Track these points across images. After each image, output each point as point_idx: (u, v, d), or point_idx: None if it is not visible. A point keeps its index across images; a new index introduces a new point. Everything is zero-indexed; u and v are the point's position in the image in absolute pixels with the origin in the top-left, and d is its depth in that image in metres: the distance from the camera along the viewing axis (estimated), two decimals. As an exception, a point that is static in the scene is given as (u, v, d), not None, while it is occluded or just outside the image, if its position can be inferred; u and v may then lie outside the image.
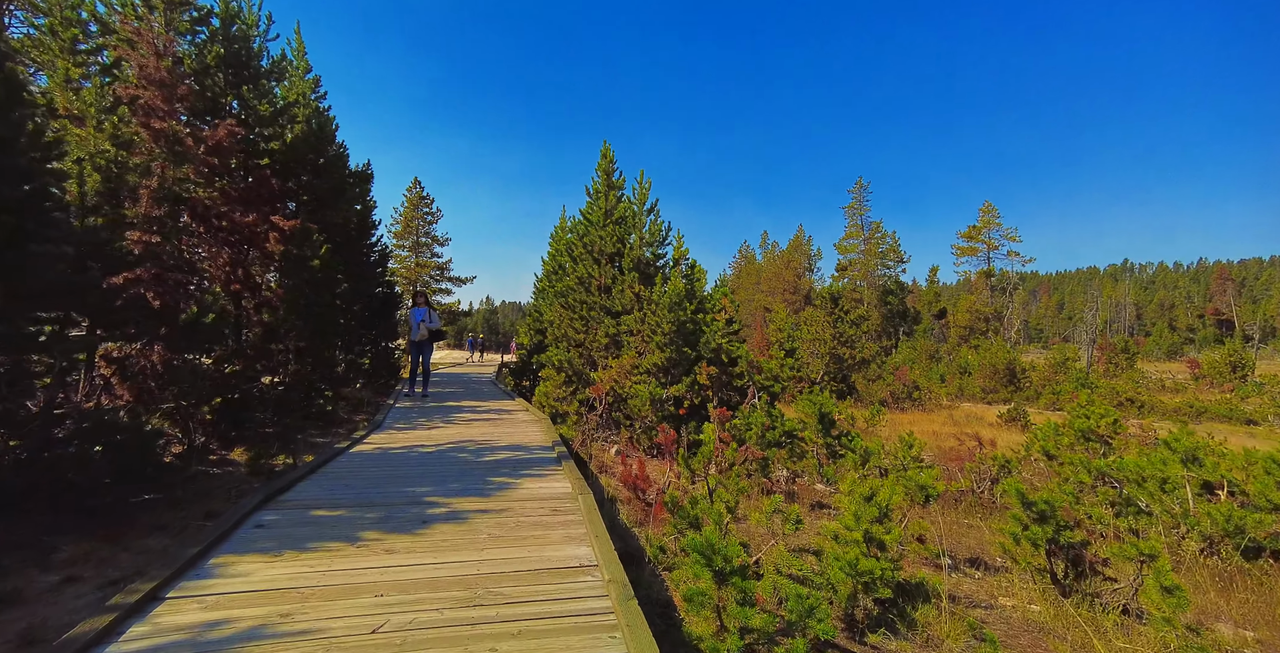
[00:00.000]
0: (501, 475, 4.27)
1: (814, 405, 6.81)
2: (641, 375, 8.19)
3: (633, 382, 8.09)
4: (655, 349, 8.38)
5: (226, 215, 6.77)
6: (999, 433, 14.86)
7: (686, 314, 8.64)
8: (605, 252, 9.88)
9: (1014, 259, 33.88)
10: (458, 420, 7.29)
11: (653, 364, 8.13)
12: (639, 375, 8.14)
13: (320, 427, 7.32)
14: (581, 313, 10.07)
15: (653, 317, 8.51)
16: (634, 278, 9.28)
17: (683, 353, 8.41)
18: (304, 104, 9.96)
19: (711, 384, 8.33)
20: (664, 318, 8.28)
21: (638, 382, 8.14)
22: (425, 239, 28.61)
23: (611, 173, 10.05)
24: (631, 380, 8.09)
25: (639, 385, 8.18)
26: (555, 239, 12.62)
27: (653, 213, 9.60)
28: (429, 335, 9.62)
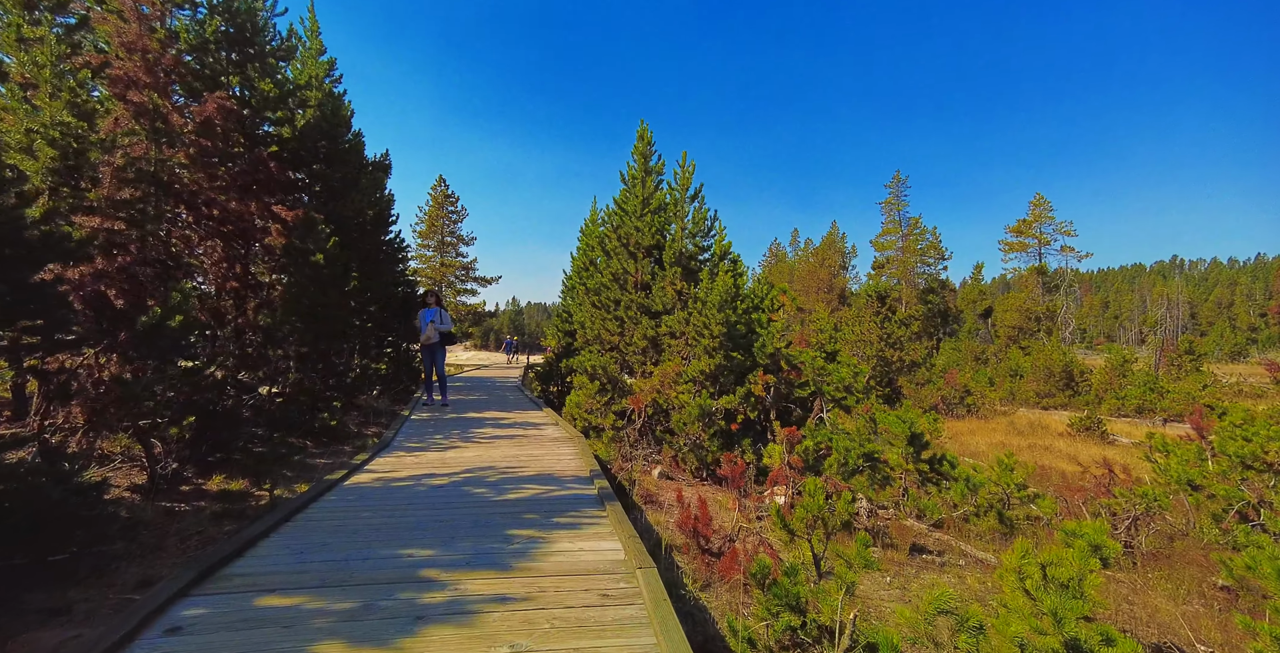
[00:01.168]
0: (528, 526, 3.25)
1: (903, 423, 5.63)
2: (686, 384, 7.11)
3: (677, 392, 7.02)
4: (702, 354, 7.30)
5: (218, 203, 5.94)
6: (1078, 447, 13.32)
7: (737, 314, 7.54)
8: (643, 244, 8.83)
9: (1068, 255, 31.70)
10: (478, 438, 6.32)
11: (699, 371, 7.04)
12: (684, 384, 7.06)
13: (324, 444, 6.44)
14: (616, 313, 9.04)
15: (699, 317, 7.43)
16: (676, 273, 8.21)
17: (733, 359, 7.30)
18: (316, 87, 9.15)
19: (768, 395, 7.20)
20: (712, 318, 7.20)
21: (683, 391, 7.06)
22: (450, 238, 28.04)
23: (649, 156, 9.01)
24: (676, 390, 7.02)
25: (684, 396, 7.10)
26: (585, 233, 11.66)
27: (696, 200, 8.52)
28: (440, 338, 8.71)
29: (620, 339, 9.07)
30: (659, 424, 8.15)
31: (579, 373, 8.46)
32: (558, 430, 6.95)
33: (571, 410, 7.85)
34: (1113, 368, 28.12)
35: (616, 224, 9.05)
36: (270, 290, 6.61)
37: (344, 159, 9.01)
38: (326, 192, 8.80)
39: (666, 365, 7.03)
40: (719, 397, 7.19)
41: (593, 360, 8.08)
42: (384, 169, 10.67)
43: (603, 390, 7.87)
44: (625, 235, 8.95)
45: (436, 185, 27.66)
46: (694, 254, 8.64)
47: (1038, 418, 20.98)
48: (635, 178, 8.96)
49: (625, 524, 3.25)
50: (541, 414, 8.41)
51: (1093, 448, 13.10)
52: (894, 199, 45.24)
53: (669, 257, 8.34)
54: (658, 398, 6.97)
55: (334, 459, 5.90)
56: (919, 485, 5.71)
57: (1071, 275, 33.16)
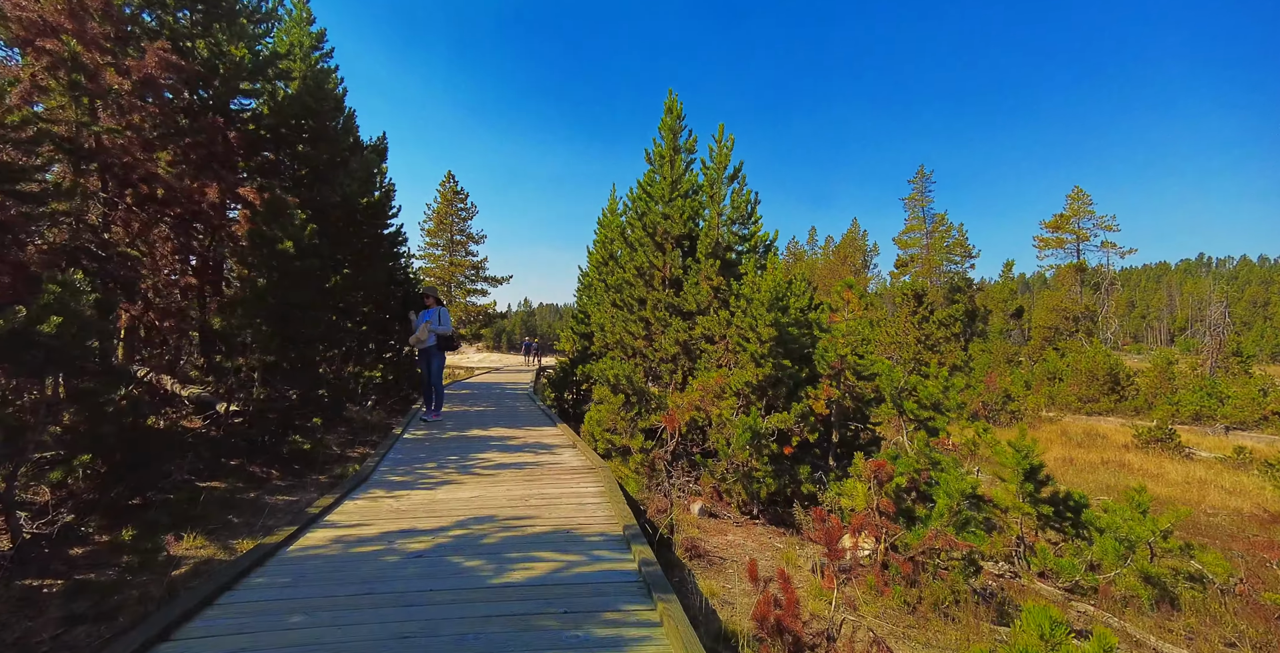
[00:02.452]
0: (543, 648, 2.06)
1: (1017, 453, 4.37)
2: (730, 398, 5.89)
3: (720, 408, 5.80)
4: (748, 362, 6.08)
5: (161, 179, 4.83)
6: (1155, 462, 11.87)
7: (791, 315, 6.31)
8: (672, 234, 7.63)
9: (1109, 251, 29.94)
10: (479, 467, 5.14)
11: (744, 383, 5.82)
12: (728, 398, 5.84)
13: (295, 472, 5.31)
14: (641, 313, 7.85)
15: (744, 317, 6.21)
16: (712, 267, 6.99)
17: (784, 368, 6.08)
18: (301, 59, 8.07)
19: (831, 412, 5.96)
20: (761, 319, 5.97)
21: (726, 408, 5.84)
22: (459, 236, 27.06)
23: (678, 132, 7.80)
24: (719, 407, 5.81)
25: (727, 413, 5.88)
26: (603, 223, 10.50)
27: (736, 180, 7.30)
28: (437, 342, 7.58)
29: (646, 344, 7.88)
30: (694, 444, 6.94)
31: (599, 383, 7.27)
32: (575, 455, 5.76)
33: (591, 428, 6.66)
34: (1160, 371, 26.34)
35: (641, 211, 7.86)
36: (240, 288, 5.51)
37: (331, 139, 7.92)
38: (311, 175, 7.71)
39: (708, 377, 5.81)
40: (769, 414, 5.96)
41: (615, 369, 6.88)
42: (379, 153, 9.57)
43: (628, 405, 6.67)
44: (651, 224, 7.75)
45: (445, 181, 26.69)
46: (733, 244, 7.42)
47: (1089, 426, 19.45)
48: (662, 157, 7.76)
49: (694, 645, 2.04)
50: (555, 431, 7.23)
51: (1174, 464, 11.63)
52: (918, 195, 43.64)
53: (704, 247, 7.13)
54: (695, 415, 5.76)
55: (301, 496, 4.76)
56: (1037, 531, 4.45)
57: (1112, 273, 31.40)
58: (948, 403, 5.18)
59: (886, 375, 5.50)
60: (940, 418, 5.19)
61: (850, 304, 6.09)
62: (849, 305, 6.13)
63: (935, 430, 5.27)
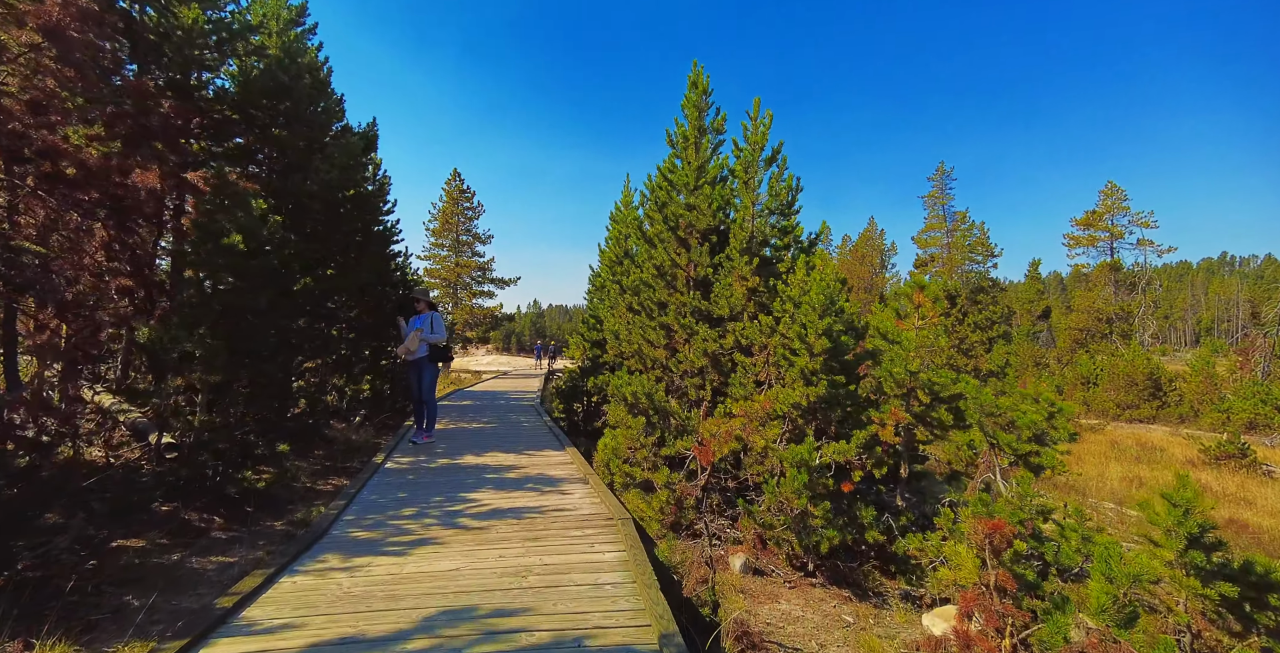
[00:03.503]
0: None
1: (1174, 510, 3.27)
2: (776, 424, 4.82)
3: (765, 438, 4.73)
4: (797, 379, 5.00)
5: (67, 154, 3.86)
6: (1234, 482, 10.61)
7: (845, 321, 5.24)
8: (698, 227, 6.56)
9: (1146, 249, 28.42)
10: (466, 515, 4.12)
11: (792, 405, 4.74)
12: (773, 422, 4.77)
13: (244, 518, 4.31)
14: (662, 320, 6.79)
15: (791, 325, 5.14)
16: (748, 264, 5.93)
17: (838, 386, 5.00)
18: (275, 31, 7.10)
19: (902, 441, 4.87)
20: (812, 327, 4.90)
21: (772, 435, 4.77)
22: (466, 236, 26.18)
23: (705, 110, 6.74)
24: (764, 435, 4.73)
25: (770, 439, 4.80)
26: (616, 219, 9.47)
27: (775, 164, 6.22)
28: (428, 352, 6.62)
29: (667, 354, 6.82)
30: (728, 475, 5.87)
31: (615, 401, 6.22)
32: (588, 495, 4.71)
33: (606, 457, 5.61)
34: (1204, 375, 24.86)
35: (662, 201, 6.79)
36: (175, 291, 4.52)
37: (309, 122, 6.95)
38: (285, 162, 6.75)
39: (752, 404, 4.72)
40: (822, 442, 4.88)
41: (634, 385, 5.83)
42: (368, 141, 8.60)
43: (649, 428, 5.62)
44: (673, 216, 6.69)
45: (451, 180, 25.82)
46: (771, 238, 6.34)
47: (1137, 435, 18.08)
48: (687, 139, 6.70)
49: None
50: (564, 458, 6.19)
51: (1259, 487, 10.34)
52: (938, 192, 42.24)
53: (737, 242, 6.06)
54: (735, 446, 4.69)
55: (241, 555, 3.75)
56: (1208, 617, 3.34)
57: (1150, 271, 29.86)
58: (1056, 432, 4.08)
59: (973, 396, 4.40)
60: (1047, 452, 4.09)
61: (923, 308, 5.00)
62: (920, 309, 5.04)
63: (1039, 468, 4.17)
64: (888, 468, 4.71)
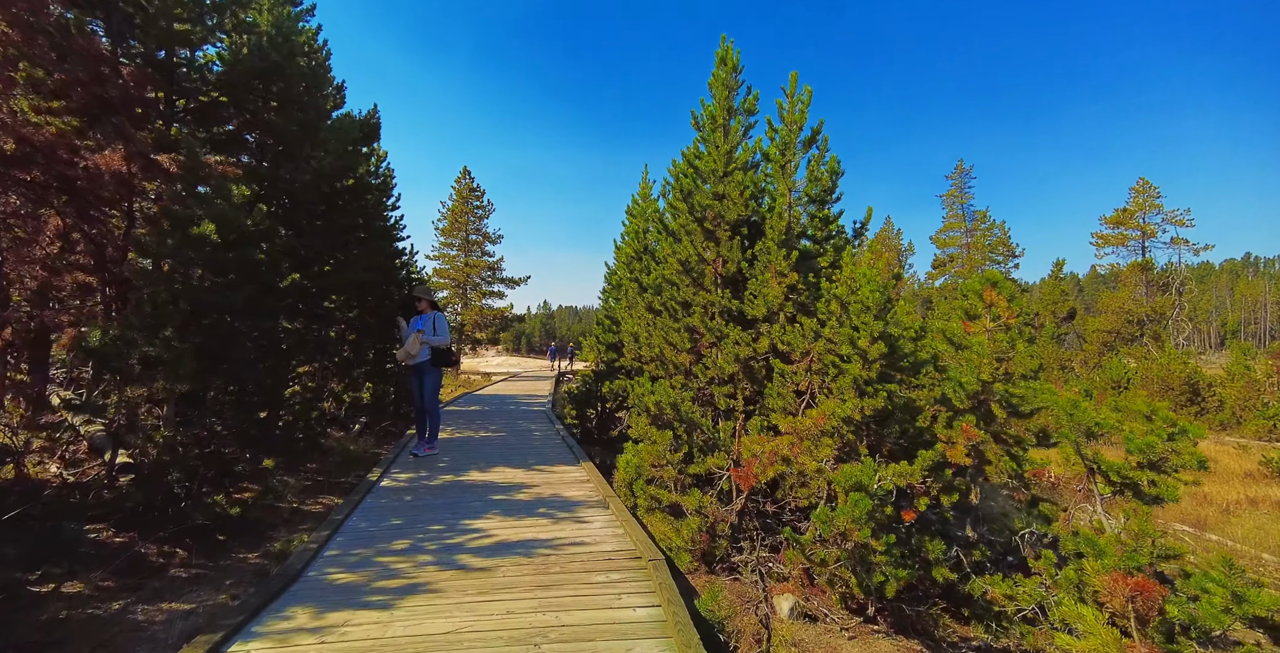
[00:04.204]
0: None
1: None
2: (828, 442, 4.15)
3: (815, 460, 4.07)
4: (849, 390, 4.35)
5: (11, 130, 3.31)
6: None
7: (902, 324, 4.59)
8: (727, 218, 5.92)
9: (1181, 248, 27.29)
10: (468, 551, 3.51)
11: (843, 420, 4.08)
12: (826, 444, 4.10)
13: (214, 550, 3.74)
14: (686, 321, 6.16)
15: (841, 328, 4.49)
16: (786, 259, 5.27)
17: (895, 398, 4.34)
18: (266, 8, 6.58)
19: (973, 462, 4.19)
20: (866, 330, 4.25)
21: (825, 455, 4.11)
22: (475, 236, 25.70)
23: (735, 89, 6.10)
24: (815, 456, 4.07)
25: (818, 459, 4.14)
26: (634, 212, 8.85)
27: (815, 144, 5.56)
28: (430, 356, 6.06)
29: (692, 359, 6.18)
30: (766, 497, 5.21)
31: (635, 412, 5.59)
32: (609, 523, 4.09)
33: (628, 476, 4.98)
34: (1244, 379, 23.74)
35: (687, 190, 6.16)
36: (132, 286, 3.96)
37: (302, 105, 6.40)
38: (277, 148, 6.20)
39: (804, 418, 4.06)
40: (879, 461, 4.21)
41: (658, 394, 5.20)
42: (369, 129, 8.05)
43: (675, 443, 4.99)
44: (700, 206, 6.06)
45: (461, 177, 25.36)
46: (810, 229, 5.68)
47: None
48: (715, 121, 6.06)
49: None
50: (579, 474, 5.58)
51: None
52: (956, 191, 41.31)
53: (774, 234, 5.40)
54: (782, 469, 4.04)
55: (200, 600, 3.16)
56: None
57: (1185, 271, 28.71)
58: (1178, 458, 3.39)
59: (1067, 411, 3.72)
60: (1166, 481, 3.40)
61: (995, 308, 4.32)
62: (992, 309, 4.36)
63: (1152, 499, 3.48)
64: (959, 495, 4.03)
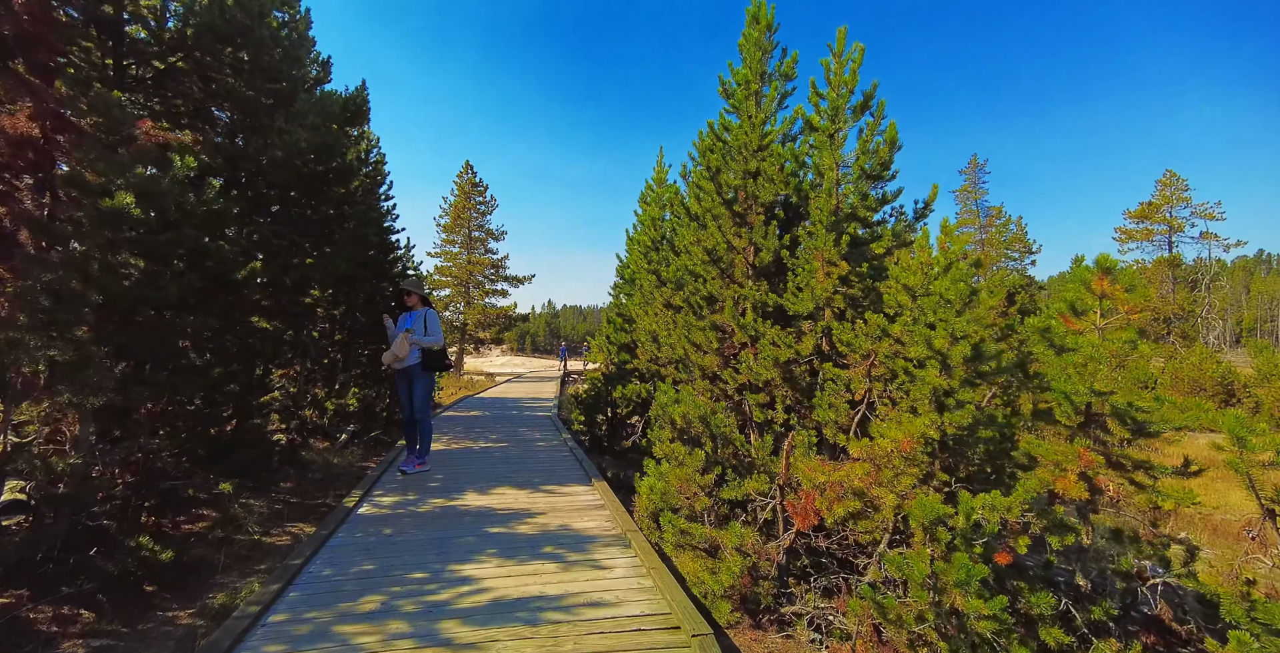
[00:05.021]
0: None
1: None
2: (912, 471, 3.34)
3: (893, 493, 3.26)
4: (925, 402, 3.53)
5: None
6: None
7: (984, 321, 3.77)
8: (762, 200, 5.11)
9: (1211, 243, 26.27)
10: (455, 613, 2.72)
11: (921, 437, 3.27)
12: (908, 472, 3.29)
13: (134, 607, 2.96)
14: (713, 318, 5.36)
15: (913, 326, 3.69)
16: (835, 246, 4.46)
17: (979, 412, 3.53)
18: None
19: (1094, 499, 3.36)
20: (946, 327, 3.44)
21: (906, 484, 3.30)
22: (478, 233, 24.97)
23: (769, 51, 5.29)
24: (896, 486, 3.26)
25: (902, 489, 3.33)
26: (648, 199, 8.05)
27: (868, 111, 4.73)
28: (420, 359, 5.31)
29: (720, 363, 5.37)
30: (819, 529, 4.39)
31: (658, 424, 4.78)
32: (633, 570, 3.29)
33: (653, 505, 4.17)
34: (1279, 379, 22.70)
35: (714, 167, 5.34)
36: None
37: (275, 74, 5.63)
38: (245, 122, 5.43)
39: (883, 440, 3.23)
40: (955, 486, 3.39)
41: (685, 405, 4.40)
42: (356, 108, 7.26)
43: (710, 464, 4.18)
44: (729, 186, 5.25)
45: (463, 173, 24.61)
46: (861, 211, 4.85)
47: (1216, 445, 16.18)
48: (747, 87, 5.24)
49: None
50: (592, 497, 4.79)
51: None
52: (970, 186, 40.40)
53: (821, 216, 4.58)
54: (853, 505, 3.21)
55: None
56: None
57: (1215, 266, 27.68)
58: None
59: (1234, 432, 2.89)
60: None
61: (1110, 299, 3.49)
62: (1103, 303, 3.53)
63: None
64: (1073, 536, 3.20)
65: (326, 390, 6.88)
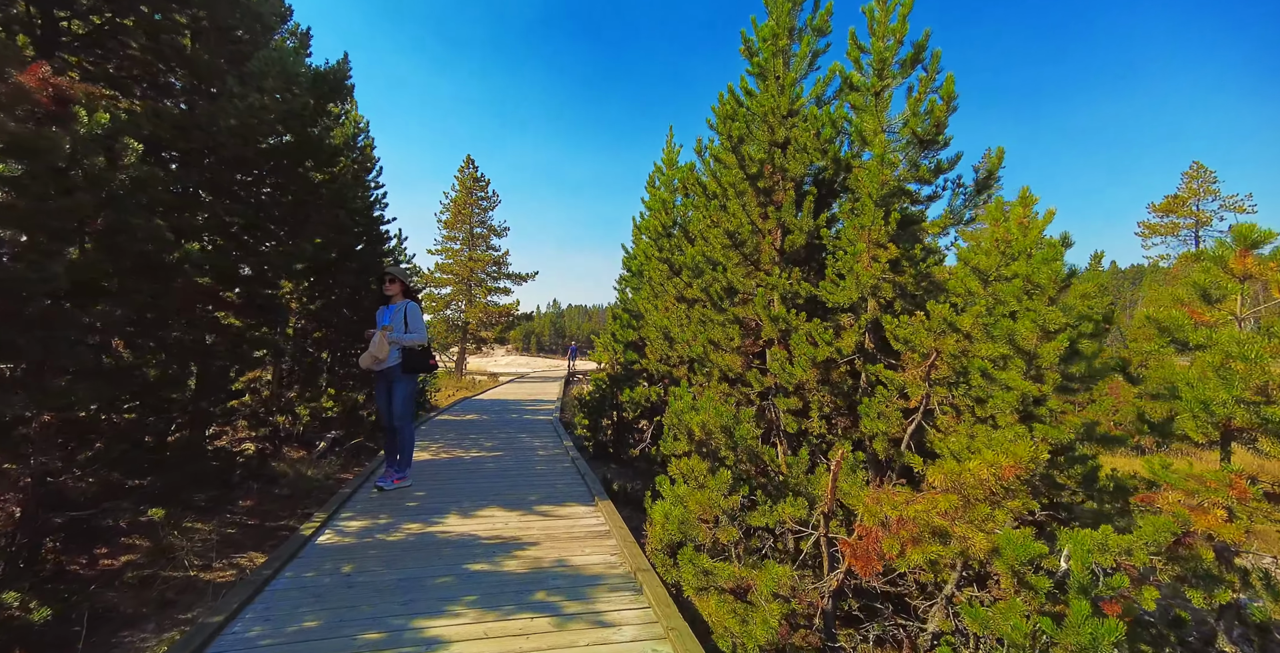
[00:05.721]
0: None
1: None
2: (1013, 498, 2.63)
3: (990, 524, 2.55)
4: (1006, 415, 2.81)
5: None
6: None
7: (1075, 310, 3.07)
8: (793, 173, 4.39)
9: (1240, 236, 25.21)
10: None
11: (1030, 462, 2.54)
12: (1005, 506, 2.57)
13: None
14: (736, 311, 4.65)
15: (989, 317, 2.97)
16: (884, 224, 3.74)
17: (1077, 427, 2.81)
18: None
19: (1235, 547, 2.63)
20: (1038, 318, 2.72)
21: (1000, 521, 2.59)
22: (480, 229, 24.32)
23: (798, 2, 4.56)
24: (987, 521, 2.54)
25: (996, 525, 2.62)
26: (657, 182, 7.33)
27: (919, 65, 4.00)
28: (404, 359, 4.67)
29: (743, 363, 4.66)
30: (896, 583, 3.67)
31: (672, 434, 4.07)
32: (644, 628, 2.58)
33: (669, 536, 3.46)
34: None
35: (737, 137, 4.62)
36: None
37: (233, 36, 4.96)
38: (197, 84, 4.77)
39: (975, 465, 2.50)
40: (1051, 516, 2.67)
41: (705, 413, 3.70)
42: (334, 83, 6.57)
43: (738, 482, 3.46)
44: (753, 159, 4.53)
45: (464, 167, 23.96)
46: (910, 183, 4.11)
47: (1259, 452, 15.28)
48: (773, 43, 4.51)
49: None
50: (595, 521, 4.09)
51: None
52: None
53: (868, 187, 3.85)
54: (932, 551, 2.49)
55: None
56: None
57: (1245, 262, 26.58)
58: None
59: None
60: None
61: (1255, 280, 2.76)
62: (1246, 285, 2.80)
63: None
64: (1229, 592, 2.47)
65: (300, 394, 6.21)
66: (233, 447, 5.63)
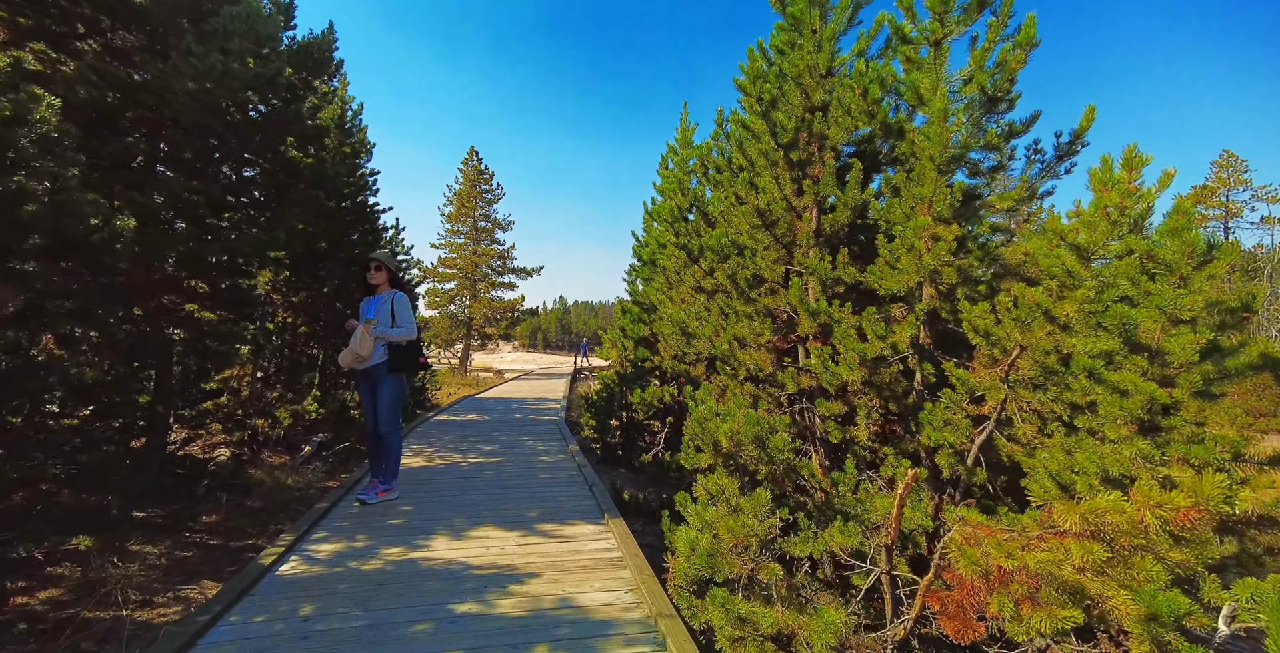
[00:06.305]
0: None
1: None
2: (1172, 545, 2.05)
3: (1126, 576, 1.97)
4: (1121, 425, 2.20)
5: None
6: None
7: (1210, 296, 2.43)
8: (834, 142, 3.79)
9: (1274, 228, 24.24)
10: None
11: (1220, 499, 1.95)
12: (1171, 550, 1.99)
13: None
14: (765, 302, 4.06)
15: (1096, 306, 2.36)
16: (946, 194, 3.13)
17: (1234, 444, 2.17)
18: None
19: None
20: (1165, 305, 2.11)
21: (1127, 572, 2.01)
22: (484, 223, 23.80)
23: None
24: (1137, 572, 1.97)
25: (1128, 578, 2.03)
26: (670, 164, 6.73)
27: (986, 8, 3.38)
28: (390, 357, 4.14)
29: (773, 362, 4.07)
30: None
31: (693, 444, 3.48)
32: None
33: (695, 570, 2.89)
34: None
35: (769, 100, 4.01)
36: None
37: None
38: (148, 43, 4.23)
39: (1130, 506, 1.92)
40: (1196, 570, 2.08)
41: (733, 421, 3.11)
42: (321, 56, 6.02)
43: (774, 506, 2.88)
44: (786, 127, 3.93)
45: (468, 159, 23.43)
46: (974, 150, 3.51)
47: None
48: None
49: None
50: (604, 544, 3.52)
51: None
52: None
53: (929, 151, 3.24)
54: (1069, 613, 1.91)
55: None
56: None
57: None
58: None
59: None
60: None
61: None
62: None
63: None
64: None
65: (281, 394, 5.69)
66: (205, 453, 5.11)
